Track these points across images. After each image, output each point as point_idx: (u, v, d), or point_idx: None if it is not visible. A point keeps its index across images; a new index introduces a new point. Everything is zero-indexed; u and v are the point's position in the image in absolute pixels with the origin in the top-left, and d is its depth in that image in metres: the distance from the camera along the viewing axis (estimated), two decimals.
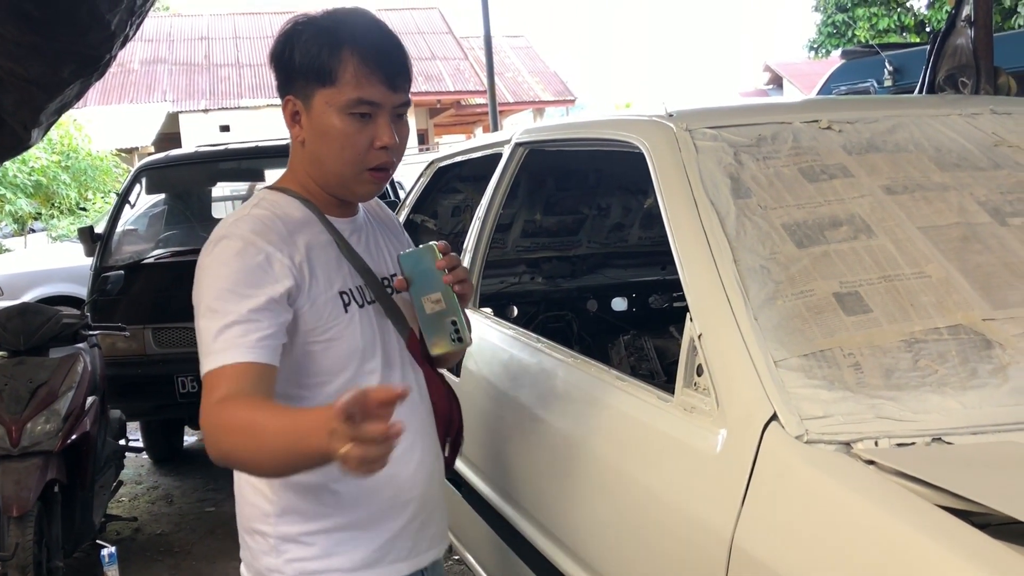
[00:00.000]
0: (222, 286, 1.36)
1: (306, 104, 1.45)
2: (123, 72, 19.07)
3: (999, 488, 1.09)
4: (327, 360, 1.45)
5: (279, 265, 1.39)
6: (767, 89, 25.70)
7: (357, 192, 1.51)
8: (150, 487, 5.32)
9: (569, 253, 3.87)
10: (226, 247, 1.40)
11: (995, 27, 5.86)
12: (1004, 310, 1.43)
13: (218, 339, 1.33)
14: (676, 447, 1.48)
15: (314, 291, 1.43)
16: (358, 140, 1.43)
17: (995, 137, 1.89)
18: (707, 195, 1.65)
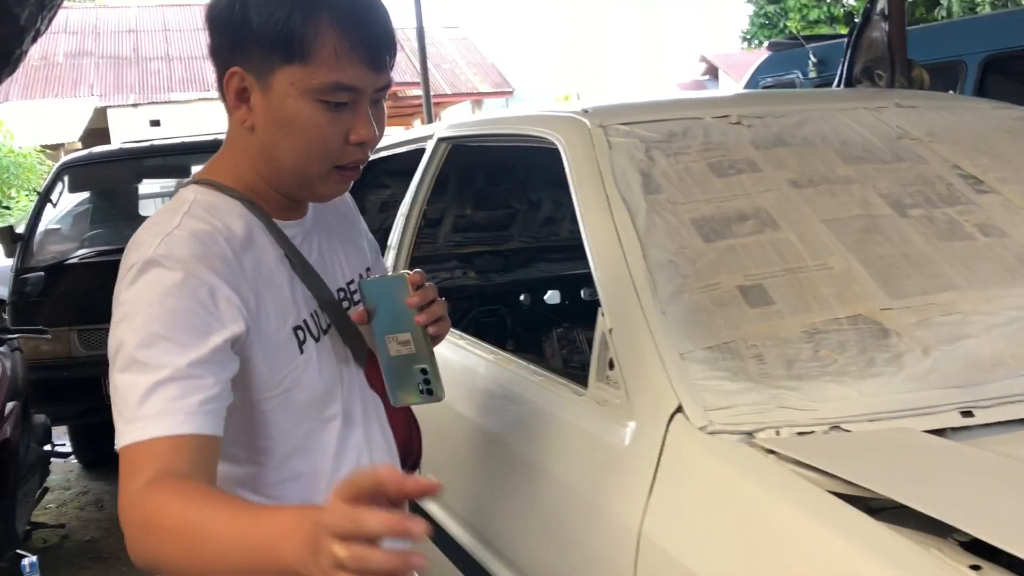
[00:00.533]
0: (154, 330, 1.05)
1: (262, 81, 1.13)
2: (47, 65, 18.53)
3: (887, 473, 1.12)
4: (281, 417, 1.19)
5: (225, 302, 1.10)
6: (704, 80, 26.03)
7: (320, 192, 1.22)
8: (79, 492, 5.21)
9: (501, 248, 3.88)
10: (159, 278, 1.08)
11: (919, 18, 5.98)
12: (901, 300, 1.47)
13: (147, 401, 1.03)
14: (589, 440, 1.50)
15: (266, 333, 1.15)
16: (330, 133, 1.14)
17: (899, 130, 1.94)
18: (619, 191, 1.67)
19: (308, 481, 1.23)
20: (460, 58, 22.13)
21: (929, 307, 1.46)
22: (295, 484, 1.22)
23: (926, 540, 1.03)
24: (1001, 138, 1.99)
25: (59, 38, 19.54)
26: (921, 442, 1.22)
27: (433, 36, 22.91)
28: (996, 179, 1.81)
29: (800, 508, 1.10)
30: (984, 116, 2.11)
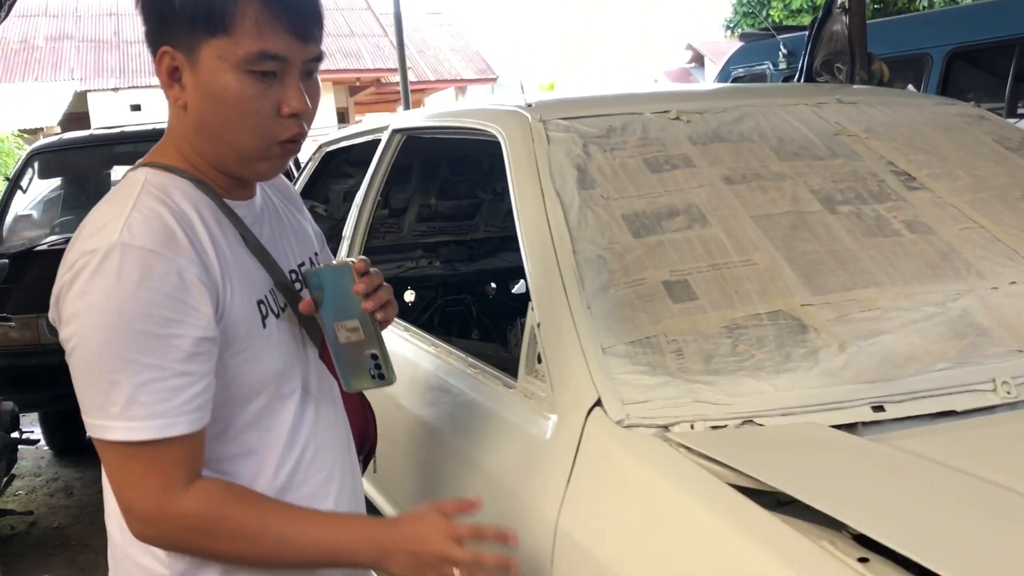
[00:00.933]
0: (130, 326, 1.05)
1: (189, 58, 1.13)
2: (26, 49, 18.37)
3: (786, 467, 1.15)
4: (244, 384, 1.18)
5: (196, 283, 1.09)
6: (690, 67, 26.04)
7: (259, 170, 1.21)
8: (50, 479, 5.21)
9: (466, 237, 3.90)
10: (123, 266, 1.06)
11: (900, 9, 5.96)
12: (822, 296, 1.50)
13: (137, 400, 1.05)
14: (515, 433, 1.52)
15: (230, 303, 1.14)
16: (261, 106, 1.13)
17: (837, 126, 1.97)
18: (554, 186, 1.69)
19: (260, 458, 1.22)
20: (444, 45, 22.05)
21: (849, 303, 1.49)
22: (247, 461, 1.21)
23: (821, 533, 1.06)
24: (940, 135, 2.02)
25: (39, 21, 19.37)
26: (826, 437, 1.24)
27: (417, 23, 22.84)
28: (929, 176, 1.84)
29: (699, 501, 1.13)
30: (925, 113, 2.13)
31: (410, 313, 3.64)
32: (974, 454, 1.23)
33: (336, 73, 19.31)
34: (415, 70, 20.30)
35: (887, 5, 14.76)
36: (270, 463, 1.22)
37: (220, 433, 1.18)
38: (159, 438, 1.06)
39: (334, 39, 20.23)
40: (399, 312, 1.13)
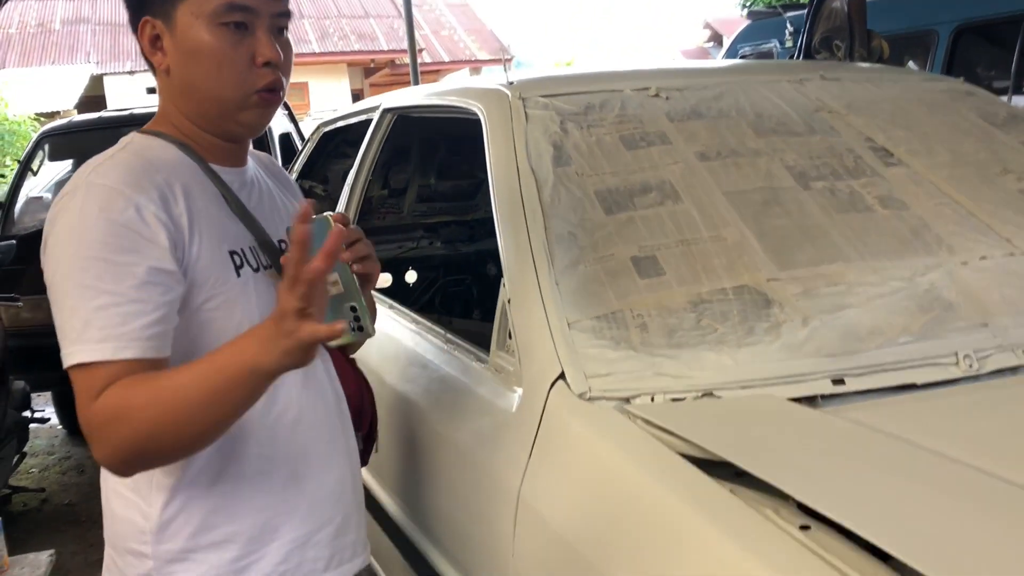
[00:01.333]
0: (88, 253, 1.10)
1: (167, 22, 1.21)
2: (43, 32, 18.48)
3: (736, 438, 1.17)
4: (217, 332, 1.20)
5: (153, 219, 1.13)
6: (708, 47, 25.83)
7: (243, 121, 1.26)
8: (62, 457, 5.30)
9: (467, 217, 3.91)
10: (86, 200, 1.12)
11: None
12: (789, 271, 1.51)
13: (90, 325, 1.08)
14: (484, 406, 1.54)
15: (198, 248, 1.18)
16: (235, 56, 1.20)
17: (818, 103, 1.97)
18: (529, 163, 1.70)
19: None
20: (459, 25, 21.98)
21: (816, 278, 1.50)
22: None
23: (768, 502, 1.08)
24: (922, 111, 2.02)
25: (56, 4, 19.47)
26: (781, 409, 1.26)
27: (433, 3, 22.79)
28: (907, 152, 1.84)
29: (649, 472, 1.15)
30: (910, 89, 2.13)
31: (411, 293, 3.66)
32: (928, 426, 1.24)
33: (351, 55, 19.34)
34: (429, 51, 20.28)
35: None
36: (251, 422, 1.22)
37: None
38: (110, 359, 1.08)
39: (348, 20, 20.24)
40: (399, 292, 1.11)
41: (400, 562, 1.84)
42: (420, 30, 20.28)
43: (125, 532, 1.23)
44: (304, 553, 1.27)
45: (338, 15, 20.33)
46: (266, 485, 1.25)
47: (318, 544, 1.29)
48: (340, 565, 1.32)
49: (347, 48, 19.33)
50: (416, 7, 20.12)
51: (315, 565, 1.28)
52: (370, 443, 1.59)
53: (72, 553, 3.89)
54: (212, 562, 1.22)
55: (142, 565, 1.21)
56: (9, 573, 3.10)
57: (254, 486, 1.24)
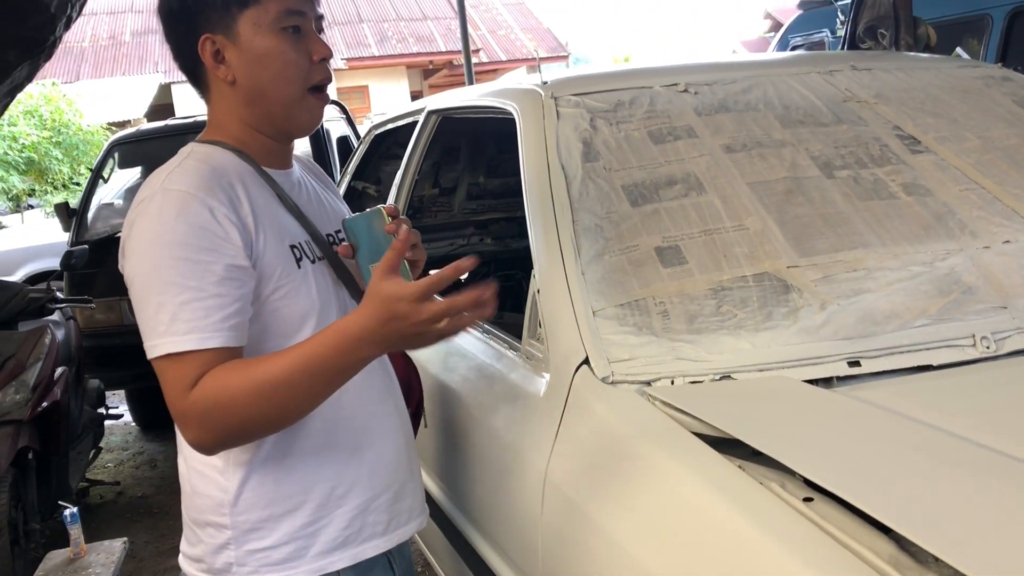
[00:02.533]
0: (169, 253, 1.21)
1: (230, 35, 1.32)
2: (114, 44, 19.11)
3: (747, 417, 1.23)
4: (284, 320, 1.32)
5: (226, 221, 1.25)
6: (768, 36, 25.43)
7: (301, 119, 1.38)
8: (136, 452, 5.53)
9: (517, 213, 3.99)
10: (164, 205, 1.23)
11: None
12: (809, 257, 1.55)
13: (177, 318, 1.19)
14: (515, 391, 1.62)
15: (263, 245, 1.30)
16: (297, 57, 1.33)
17: (847, 93, 2.00)
18: (559, 159, 1.77)
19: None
20: (516, 24, 22.07)
21: (835, 264, 1.54)
22: None
23: (776, 477, 1.13)
24: (954, 98, 2.03)
25: (126, 17, 20.10)
26: (793, 389, 1.31)
27: (490, 3, 22.92)
28: (935, 139, 1.86)
29: (664, 449, 1.22)
30: (942, 76, 2.14)
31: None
32: (940, 405, 1.28)
33: (409, 57, 19.57)
34: (487, 50, 20.41)
35: None
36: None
37: None
38: (196, 349, 1.19)
39: (407, 23, 20.48)
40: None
41: (440, 537, 1.92)
42: (477, 30, 20.44)
43: (205, 506, 1.35)
44: (365, 518, 1.38)
45: (397, 18, 20.59)
46: (332, 457, 1.35)
47: (378, 509, 1.39)
48: (398, 528, 1.42)
49: (406, 50, 19.58)
50: (472, 7, 20.25)
51: (375, 528, 1.39)
52: (417, 419, 1.70)
53: (145, 542, 4.08)
54: (284, 529, 1.33)
55: (221, 535, 1.33)
56: (86, 559, 3.28)
57: (321, 459, 1.35)
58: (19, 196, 12.94)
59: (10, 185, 11.60)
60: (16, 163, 11.45)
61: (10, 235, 10.49)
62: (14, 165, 11.44)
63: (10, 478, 3.44)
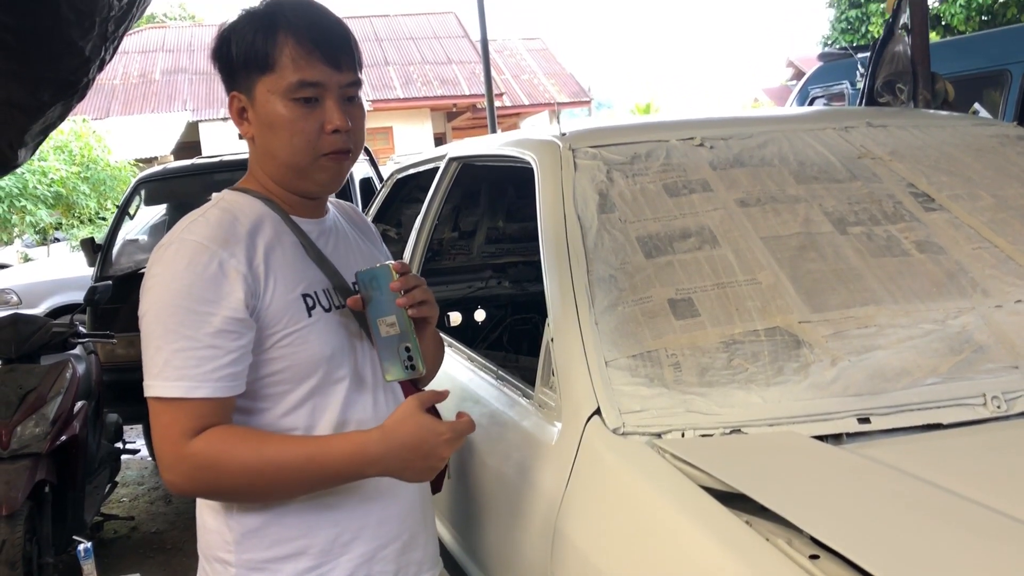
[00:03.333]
0: (173, 301, 1.26)
1: (250, 97, 1.37)
2: (144, 82, 19.48)
3: (756, 472, 1.24)
4: (290, 366, 1.35)
5: (234, 273, 1.29)
6: (791, 85, 25.62)
7: (317, 180, 1.41)
8: (151, 488, 5.55)
9: (534, 258, 4.03)
10: (176, 254, 1.29)
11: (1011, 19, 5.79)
12: (821, 313, 1.57)
13: (169, 364, 1.25)
14: (528, 439, 1.63)
15: (271, 294, 1.33)
16: (306, 126, 1.35)
17: (862, 150, 2.02)
18: (576, 210, 1.80)
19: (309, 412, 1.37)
20: (539, 69, 22.34)
21: (847, 320, 1.55)
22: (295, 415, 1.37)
23: (782, 533, 1.14)
24: (968, 156, 2.05)
25: (157, 56, 20.52)
26: (802, 445, 1.32)
27: (513, 47, 23.22)
28: (949, 197, 1.88)
29: (672, 502, 1.23)
30: (956, 134, 2.16)
31: (480, 331, 3.78)
32: (949, 465, 1.28)
33: (433, 100, 19.82)
34: (510, 95, 20.64)
35: (995, 17, 14.36)
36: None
37: (271, 408, 1.36)
38: (183, 397, 1.25)
39: (432, 66, 20.77)
40: (468, 330, 1.28)
41: None
42: (501, 74, 20.69)
43: (214, 542, 1.39)
44: (371, 567, 1.40)
45: (422, 61, 20.89)
46: (340, 504, 1.38)
47: (384, 559, 1.42)
48: None
49: (430, 93, 19.84)
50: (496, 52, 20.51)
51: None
52: (442, 471, 1.68)
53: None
54: (287, 572, 1.36)
55: (226, 572, 1.37)
56: None
57: (329, 504, 1.37)
58: (46, 229, 13.15)
59: (38, 218, 11.79)
60: (44, 197, 11.64)
61: (36, 267, 10.66)
62: (42, 199, 11.63)
63: (26, 511, 3.46)
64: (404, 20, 22.81)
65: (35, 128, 3.85)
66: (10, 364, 3.80)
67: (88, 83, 3.76)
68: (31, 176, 11.32)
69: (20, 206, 11.42)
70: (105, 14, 3.24)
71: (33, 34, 3.21)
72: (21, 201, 11.36)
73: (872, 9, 16.76)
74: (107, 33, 3.56)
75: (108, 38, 3.61)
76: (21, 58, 3.36)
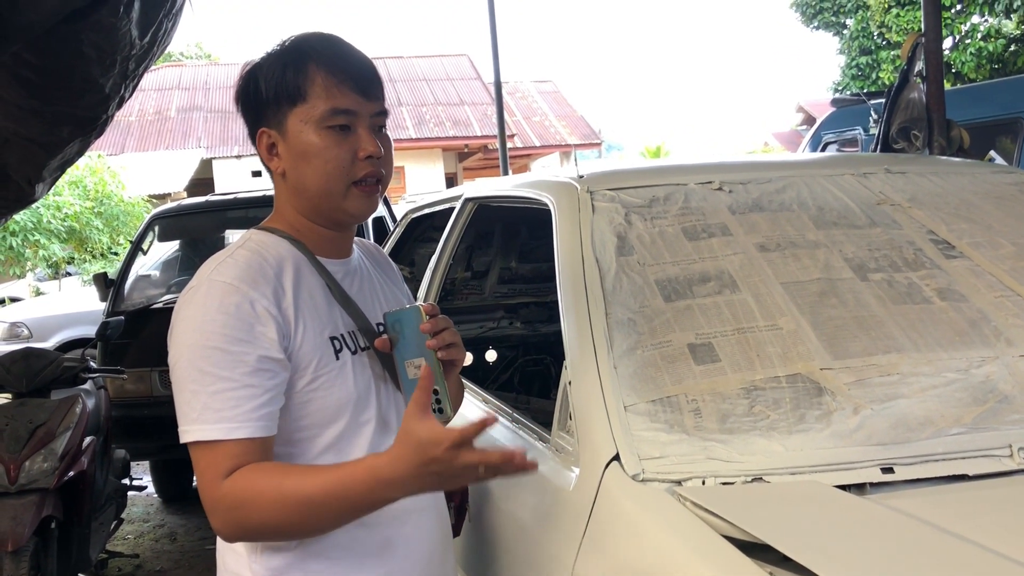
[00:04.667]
0: (206, 343, 1.26)
1: (280, 131, 1.39)
2: (160, 119, 19.70)
3: (781, 522, 1.21)
4: (318, 410, 1.34)
5: (264, 313, 1.29)
6: (801, 130, 25.77)
7: (349, 210, 1.41)
8: (156, 525, 5.50)
9: (546, 298, 4.02)
10: (207, 295, 1.29)
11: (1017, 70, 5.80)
12: (843, 360, 1.55)
13: (208, 408, 1.24)
14: (544, 484, 1.61)
15: (301, 337, 1.33)
16: (340, 153, 1.36)
17: (880, 196, 2.02)
18: (594, 252, 1.80)
19: (335, 458, 1.34)
20: (550, 111, 22.53)
21: (869, 367, 1.53)
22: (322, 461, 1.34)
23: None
24: (988, 203, 2.04)
25: (172, 94, 20.77)
26: (826, 495, 1.29)
27: (524, 90, 23.45)
28: (969, 244, 1.87)
29: (694, 552, 1.20)
30: (976, 181, 2.15)
31: (491, 372, 3.76)
32: (976, 518, 1.25)
33: (445, 140, 20.00)
34: (521, 136, 20.80)
35: (1005, 65, 14.47)
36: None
37: (301, 453, 1.35)
38: (225, 439, 1.24)
39: (444, 108, 20.97)
40: (479, 371, 1.25)
41: None
42: (512, 116, 20.87)
43: None
44: None
45: (434, 102, 21.10)
46: (361, 549, 1.37)
47: None
48: None
49: (442, 134, 20.01)
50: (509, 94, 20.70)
51: None
52: (462, 514, 1.67)
53: None
54: None
55: None
56: None
57: (351, 549, 1.36)
58: (58, 263, 13.21)
59: (51, 253, 11.86)
60: (58, 231, 11.73)
61: (47, 301, 10.70)
62: (56, 233, 11.72)
63: (31, 547, 3.44)
64: (417, 62, 23.08)
65: (53, 163, 3.88)
66: (21, 398, 3.79)
67: (107, 120, 3.80)
68: (45, 211, 11.42)
69: (34, 240, 11.50)
70: (126, 52, 3.28)
71: (55, 71, 3.25)
72: (35, 235, 11.44)
73: (882, 56, 16.89)
74: (127, 71, 3.60)
75: (128, 76, 3.65)
76: (42, 95, 3.40)
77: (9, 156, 3.68)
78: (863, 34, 17.13)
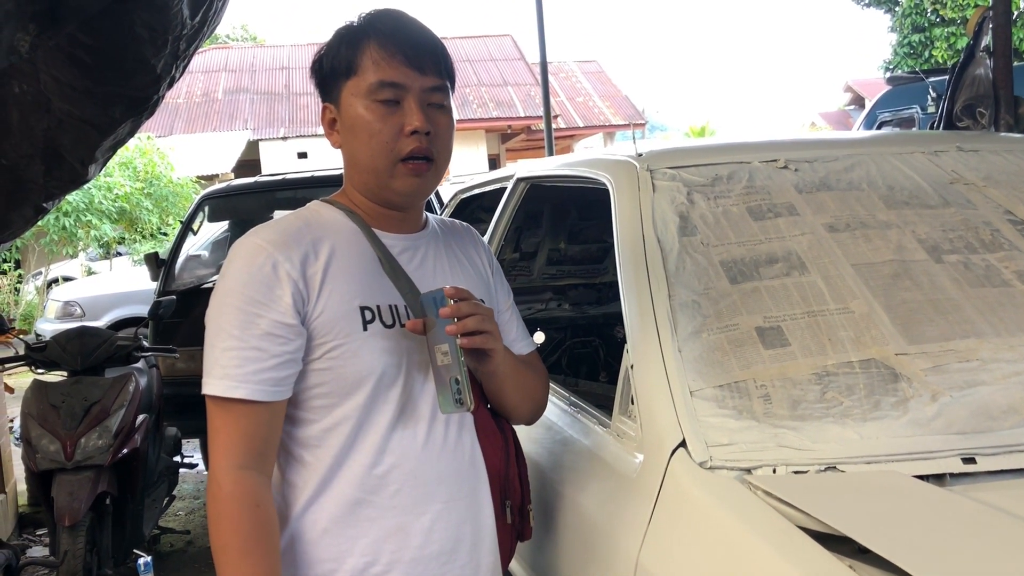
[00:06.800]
0: (226, 300, 1.29)
1: (337, 104, 1.40)
2: (207, 102, 19.87)
3: (861, 514, 1.16)
4: (336, 379, 1.32)
5: (285, 276, 1.29)
6: (849, 109, 25.27)
7: (396, 188, 1.39)
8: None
9: (595, 280, 3.97)
10: (238, 253, 1.32)
11: None
12: (919, 345, 1.49)
13: (216, 363, 1.28)
14: (606, 470, 1.57)
15: (325, 303, 1.32)
16: (385, 127, 1.35)
17: (953, 175, 1.94)
18: (655, 232, 1.75)
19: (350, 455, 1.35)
20: (594, 91, 22.34)
21: (947, 353, 1.47)
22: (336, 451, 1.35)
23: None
24: None
25: (219, 76, 20.94)
26: (906, 486, 1.24)
27: (569, 70, 23.27)
28: None
29: (769, 544, 1.16)
30: None
31: (539, 354, 3.72)
32: None
33: (488, 121, 19.91)
34: (564, 117, 20.65)
35: None
36: (356, 469, 1.35)
37: (318, 420, 1.35)
38: (224, 396, 1.27)
39: (488, 88, 20.88)
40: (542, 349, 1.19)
41: None
42: (556, 96, 20.72)
43: None
44: None
45: (478, 83, 21.02)
46: (370, 532, 1.34)
47: None
48: None
49: (485, 115, 19.94)
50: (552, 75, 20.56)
51: None
52: (522, 522, 1.55)
53: None
54: None
55: None
56: None
57: (358, 530, 1.34)
58: (109, 244, 13.42)
59: (102, 233, 12.05)
60: (109, 212, 11.90)
61: (99, 281, 10.88)
62: (107, 214, 11.89)
63: (87, 522, 3.49)
64: (461, 43, 22.98)
65: (105, 144, 3.90)
66: (76, 376, 3.85)
67: (158, 100, 3.81)
68: (97, 191, 11.59)
69: (86, 220, 11.68)
70: (178, 32, 3.28)
71: (108, 52, 3.25)
72: (87, 215, 11.63)
73: (936, 33, 16.50)
74: (178, 51, 3.60)
75: (179, 56, 3.65)
76: (95, 76, 3.41)
77: (63, 137, 3.71)
78: (916, 11, 16.73)
